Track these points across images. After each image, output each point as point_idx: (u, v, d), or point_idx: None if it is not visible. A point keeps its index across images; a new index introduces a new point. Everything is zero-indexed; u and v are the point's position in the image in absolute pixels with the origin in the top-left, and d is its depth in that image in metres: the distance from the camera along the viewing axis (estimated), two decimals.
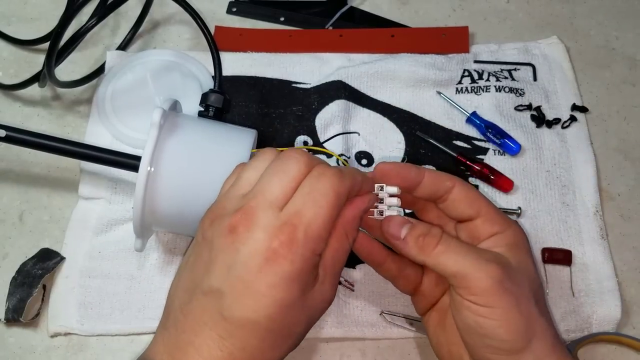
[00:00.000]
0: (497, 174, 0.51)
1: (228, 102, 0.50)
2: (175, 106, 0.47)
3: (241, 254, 0.32)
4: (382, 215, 0.38)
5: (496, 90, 0.55)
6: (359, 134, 0.54)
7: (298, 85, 0.57)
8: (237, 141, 0.44)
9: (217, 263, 0.32)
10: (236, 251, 0.32)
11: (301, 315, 0.33)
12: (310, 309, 0.34)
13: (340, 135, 0.54)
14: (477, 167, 0.51)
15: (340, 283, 0.47)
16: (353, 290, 0.48)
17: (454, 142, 0.54)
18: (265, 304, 0.31)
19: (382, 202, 0.38)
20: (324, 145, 0.54)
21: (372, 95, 0.56)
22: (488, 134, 0.53)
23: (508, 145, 0.52)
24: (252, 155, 0.43)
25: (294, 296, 0.32)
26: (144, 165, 0.40)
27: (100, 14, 0.53)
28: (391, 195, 0.38)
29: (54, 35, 0.47)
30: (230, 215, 0.33)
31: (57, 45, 0.47)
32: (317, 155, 0.52)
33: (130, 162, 0.43)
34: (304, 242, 0.32)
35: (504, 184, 0.50)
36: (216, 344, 0.31)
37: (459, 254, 0.36)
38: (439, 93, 0.56)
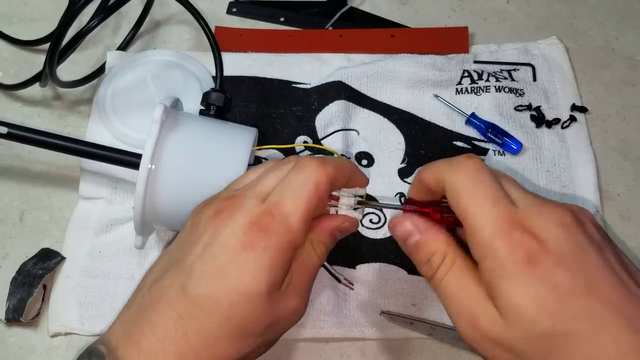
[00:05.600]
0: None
1: (229, 101, 0.50)
2: (176, 104, 0.47)
3: (220, 235, 0.32)
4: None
5: (496, 91, 0.55)
6: (358, 132, 0.54)
7: (298, 86, 0.57)
8: (237, 139, 0.44)
9: (197, 244, 0.33)
10: (216, 232, 0.32)
11: (264, 316, 0.32)
12: (275, 315, 0.33)
13: (340, 133, 0.54)
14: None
15: (339, 282, 0.47)
16: (352, 289, 0.48)
17: (454, 142, 0.54)
18: (230, 287, 0.31)
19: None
20: (323, 142, 0.54)
21: (372, 96, 0.56)
22: (488, 134, 0.53)
23: (509, 144, 0.52)
24: (253, 154, 0.44)
25: (261, 288, 0.31)
26: (144, 163, 0.40)
27: (102, 14, 0.53)
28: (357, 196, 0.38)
29: (56, 35, 0.47)
30: (219, 201, 0.34)
31: (58, 46, 0.48)
32: (318, 155, 0.53)
33: (131, 160, 0.43)
34: (280, 232, 0.32)
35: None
36: (173, 323, 0.31)
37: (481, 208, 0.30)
38: (436, 96, 0.56)
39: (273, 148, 0.53)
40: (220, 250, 0.32)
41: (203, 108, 0.49)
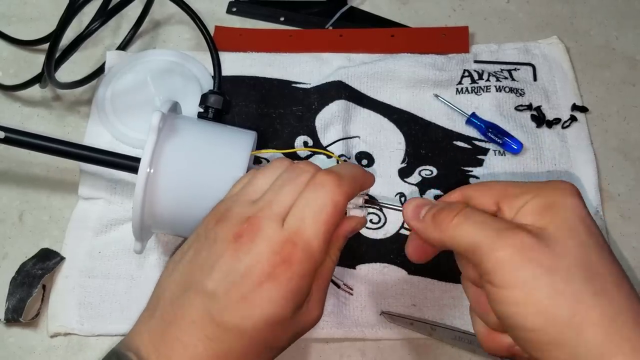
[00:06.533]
0: None
1: (228, 103, 0.50)
2: (175, 108, 0.47)
3: (242, 264, 0.32)
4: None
5: (496, 91, 0.55)
6: (359, 138, 0.54)
7: (298, 86, 0.57)
8: (236, 143, 0.44)
9: (216, 266, 0.32)
10: (237, 259, 0.32)
11: (288, 332, 0.34)
12: (297, 327, 0.34)
13: (341, 139, 0.54)
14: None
15: (339, 287, 0.47)
16: (352, 294, 0.47)
17: (455, 142, 0.54)
18: (256, 316, 0.31)
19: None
20: (327, 149, 0.54)
21: (372, 96, 0.56)
22: (489, 134, 0.53)
23: (509, 144, 0.52)
24: (252, 157, 0.43)
25: (286, 313, 0.32)
26: (143, 168, 0.40)
27: (104, 17, 0.53)
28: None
29: (54, 36, 0.47)
30: (238, 222, 0.33)
31: (56, 47, 0.47)
32: (318, 155, 0.53)
33: (129, 164, 0.43)
34: (303, 260, 0.32)
35: None
36: (202, 344, 0.31)
37: (476, 224, 0.30)
38: (437, 96, 0.55)
39: (272, 152, 0.53)
40: (244, 280, 0.32)
41: (201, 111, 0.49)
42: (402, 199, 0.51)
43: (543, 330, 0.27)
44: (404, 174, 0.52)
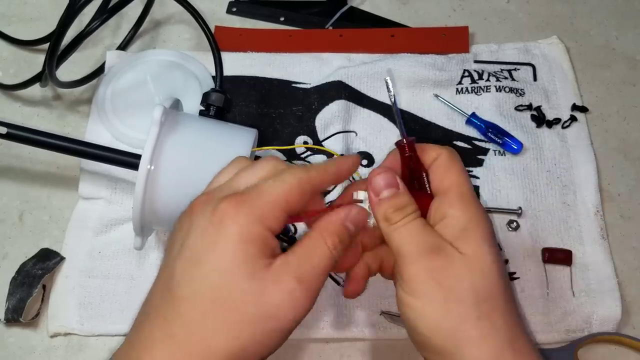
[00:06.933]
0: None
1: (229, 101, 0.50)
2: (177, 105, 0.47)
3: (192, 228, 0.32)
4: None
5: (496, 91, 0.55)
6: (356, 134, 0.54)
7: (298, 85, 0.57)
8: (237, 140, 0.44)
9: (174, 245, 0.33)
10: (190, 227, 0.32)
11: (250, 293, 0.30)
12: (265, 294, 0.31)
13: (340, 135, 0.54)
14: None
15: (339, 284, 0.47)
16: None
17: (455, 142, 0.54)
18: (207, 270, 0.30)
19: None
20: (323, 144, 0.54)
21: (372, 96, 0.56)
22: (489, 134, 0.53)
23: (509, 144, 0.52)
24: (253, 155, 0.43)
25: (236, 262, 0.30)
26: (144, 164, 0.40)
27: (104, 16, 0.53)
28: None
29: (55, 36, 0.47)
30: (192, 202, 0.34)
31: (58, 46, 0.47)
32: (318, 155, 0.53)
33: (130, 160, 0.43)
34: (250, 206, 0.31)
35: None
36: (160, 330, 0.30)
37: (410, 233, 0.34)
38: (437, 96, 0.55)
39: (273, 149, 0.53)
40: (194, 240, 0.31)
41: (203, 109, 0.49)
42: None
43: (431, 337, 0.33)
44: None
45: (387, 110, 0.55)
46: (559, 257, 0.48)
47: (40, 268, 0.48)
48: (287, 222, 0.33)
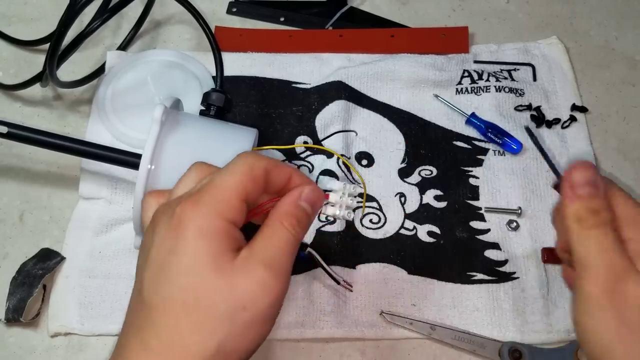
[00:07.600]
0: None
1: (229, 101, 0.50)
2: (177, 104, 0.47)
3: (155, 234, 0.32)
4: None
5: (496, 91, 0.55)
6: (356, 133, 0.54)
7: (298, 86, 0.57)
8: (238, 140, 0.44)
9: (140, 257, 0.33)
10: (153, 234, 0.32)
11: (219, 289, 0.30)
12: (234, 286, 0.30)
13: (340, 134, 0.54)
14: None
15: (339, 283, 0.47)
16: (352, 291, 0.47)
17: (454, 142, 0.54)
18: (175, 271, 0.30)
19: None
20: (323, 143, 0.54)
21: (372, 96, 0.56)
22: (488, 134, 0.53)
23: (509, 144, 0.52)
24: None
25: (200, 260, 0.30)
26: (144, 163, 0.40)
27: (105, 15, 0.53)
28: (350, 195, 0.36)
29: (56, 36, 0.47)
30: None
31: (58, 47, 0.48)
32: (318, 155, 0.53)
33: (130, 160, 0.43)
34: (206, 202, 0.31)
35: None
36: (137, 341, 0.30)
37: (604, 246, 0.32)
38: (437, 96, 0.56)
39: (273, 148, 0.53)
40: (157, 248, 0.31)
41: (203, 108, 0.49)
42: (402, 198, 0.51)
43: (597, 355, 0.32)
44: (403, 174, 0.52)
45: (387, 110, 0.55)
46: (558, 257, 0.48)
47: (41, 268, 0.48)
48: (248, 218, 0.33)
